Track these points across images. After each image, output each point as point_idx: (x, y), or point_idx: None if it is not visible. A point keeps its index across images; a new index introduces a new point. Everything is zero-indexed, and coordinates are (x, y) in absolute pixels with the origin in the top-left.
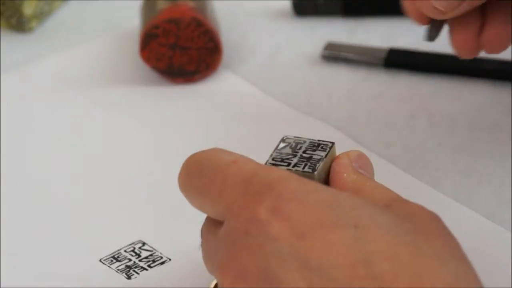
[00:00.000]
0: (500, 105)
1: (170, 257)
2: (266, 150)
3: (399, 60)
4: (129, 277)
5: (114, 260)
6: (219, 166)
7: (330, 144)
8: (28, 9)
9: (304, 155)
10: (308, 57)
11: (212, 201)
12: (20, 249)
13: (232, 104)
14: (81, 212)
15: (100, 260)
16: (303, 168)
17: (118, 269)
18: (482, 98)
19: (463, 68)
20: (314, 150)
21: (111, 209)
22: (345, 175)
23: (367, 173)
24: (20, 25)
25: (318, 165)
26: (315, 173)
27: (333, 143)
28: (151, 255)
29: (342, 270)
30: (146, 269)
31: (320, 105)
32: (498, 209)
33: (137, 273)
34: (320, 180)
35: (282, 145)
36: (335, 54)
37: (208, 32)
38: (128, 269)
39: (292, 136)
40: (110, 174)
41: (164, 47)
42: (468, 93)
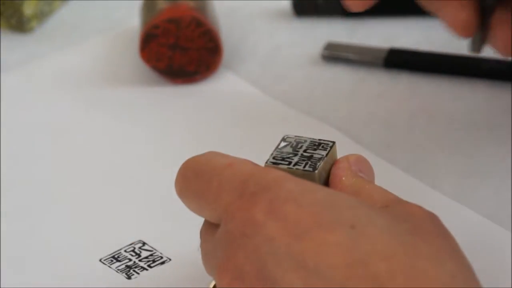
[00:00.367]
0: (500, 105)
1: (170, 257)
2: (266, 150)
3: (399, 60)
4: (129, 277)
5: (114, 260)
6: (215, 170)
7: (331, 143)
8: (28, 9)
9: (305, 154)
10: (308, 57)
11: (209, 205)
12: (20, 249)
13: (232, 104)
14: (81, 212)
15: (100, 260)
16: (304, 167)
17: (118, 269)
18: (482, 98)
19: (463, 68)
20: (315, 149)
21: (111, 209)
22: (344, 179)
23: (367, 176)
24: (20, 25)
25: (319, 164)
26: (316, 172)
27: (334, 142)
28: (151, 255)
29: (339, 270)
30: (146, 269)
31: (320, 105)
32: (498, 209)
33: (137, 273)
34: (321, 179)
35: (283, 144)
36: (335, 54)
37: (208, 32)
38: (128, 269)
39: (293, 136)
40: (110, 174)
41: (164, 47)
42: (468, 93)
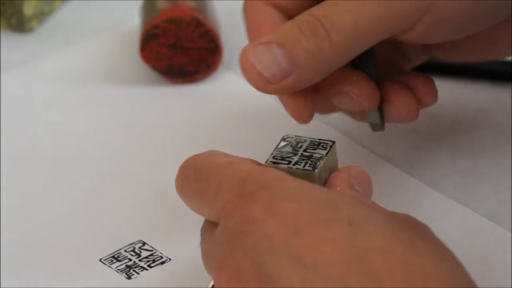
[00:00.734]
0: (500, 105)
1: (170, 257)
2: (266, 150)
3: None
4: (129, 277)
5: (114, 260)
6: (215, 169)
7: (331, 143)
8: (28, 9)
9: (305, 154)
10: None
11: (209, 204)
12: (20, 249)
13: (232, 104)
14: (81, 212)
15: (100, 260)
16: (304, 166)
17: (118, 269)
18: (482, 98)
19: (464, 69)
20: (315, 149)
21: (111, 209)
22: (339, 189)
23: (364, 192)
24: (20, 25)
25: (319, 163)
26: (316, 171)
27: (334, 142)
28: (151, 255)
29: (337, 267)
30: (146, 269)
31: None
32: (498, 209)
33: (137, 273)
34: (321, 178)
35: (283, 144)
36: None
37: (208, 32)
38: (128, 269)
39: (293, 135)
40: (110, 174)
41: (164, 47)
42: (468, 93)
